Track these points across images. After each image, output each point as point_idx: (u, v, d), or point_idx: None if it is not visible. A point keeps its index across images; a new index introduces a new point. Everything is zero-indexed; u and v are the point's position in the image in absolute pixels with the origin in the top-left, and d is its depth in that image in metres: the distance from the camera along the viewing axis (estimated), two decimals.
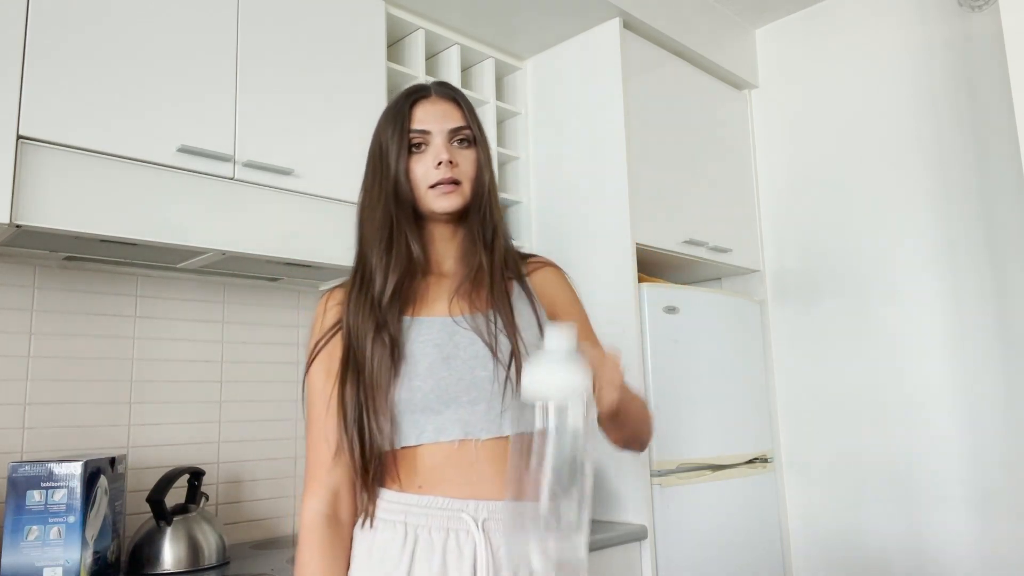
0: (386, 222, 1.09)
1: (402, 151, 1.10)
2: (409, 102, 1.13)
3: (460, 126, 1.12)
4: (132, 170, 1.55)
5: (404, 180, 1.09)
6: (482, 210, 1.13)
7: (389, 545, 1.02)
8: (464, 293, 1.09)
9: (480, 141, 1.14)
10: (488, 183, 1.14)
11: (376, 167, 1.13)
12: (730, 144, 2.78)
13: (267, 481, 2.07)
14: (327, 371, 1.09)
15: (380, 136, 1.14)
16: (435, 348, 1.05)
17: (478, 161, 1.13)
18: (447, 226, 1.14)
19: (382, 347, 1.04)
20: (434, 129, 1.10)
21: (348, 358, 1.06)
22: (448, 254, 1.15)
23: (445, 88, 1.16)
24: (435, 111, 1.12)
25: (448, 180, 1.08)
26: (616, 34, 2.38)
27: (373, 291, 1.07)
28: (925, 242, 2.41)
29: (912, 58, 2.49)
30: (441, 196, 1.09)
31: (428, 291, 1.11)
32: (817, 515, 2.59)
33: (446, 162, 1.08)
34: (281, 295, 2.17)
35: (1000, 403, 2.23)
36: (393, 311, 1.06)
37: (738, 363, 2.58)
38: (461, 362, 1.05)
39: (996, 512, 2.22)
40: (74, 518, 1.46)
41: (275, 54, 1.83)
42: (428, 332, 1.06)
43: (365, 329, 1.05)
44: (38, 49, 1.46)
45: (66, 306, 1.78)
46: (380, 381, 1.03)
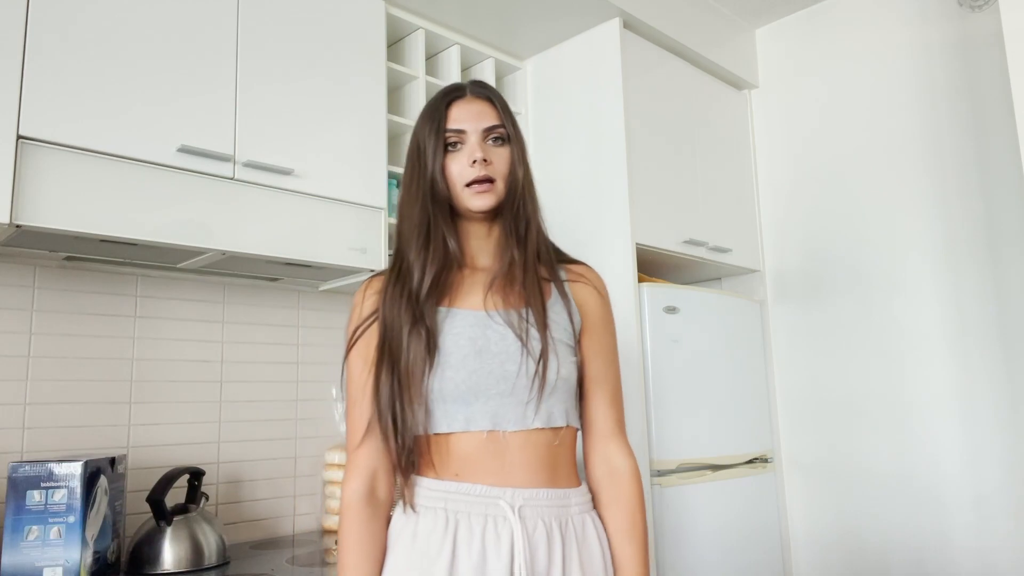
0: (424, 219, 1.13)
1: (438, 150, 1.14)
2: (445, 102, 1.17)
3: (494, 124, 1.16)
4: (132, 170, 1.55)
5: (440, 178, 1.13)
6: (515, 205, 1.17)
7: (432, 531, 1.07)
8: (498, 288, 1.13)
9: (514, 138, 1.18)
10: (523, 179, 1.17)
11: (414, 165, 1.17)
12: (730, 144, 2.78)
13: (267, 481, 2.07)
14: (364, 358, 1.13)
15: (418, 135, 1.18)
16: (468, 341, 1.09)
17: (512, 158, 1.17)
18: (482, 223, 1.18)
19: (418, 338, 1.08)
20: (469, 128, 1.14)
21: (384, 347, 1.10)
22: (484, 249, 1.19)
23: (480, 87, 1.20)
24: (470, 110, 1.16)
25: (483, 178, 1.12)
26: (616, 34, 2.38)
27: (411, 284, 1.11)
28: (925, 242, 2.41)
29: (912, 58, 2.49)
30: (475, 195, 1.13)
31: (463, 284, 1.15)
32: (817, 515, 2.59)
33: (480, 160, 1.12)
34: (281, 295, 2.17)
35: (1000, 403, 2.23)
36: (430, 304, 1.11)
37: (738, 363, 2.58)
38: (491, 355, 1.09)
39: (996, 512, 2.22)
40: (74, 518, 1.46)
41: (275, 54, 1.83)
42: (462, 325, 1.11)
43: (402, 320, 1.09)
44: (38, 49, 1.46)
45: (66, 306, 1.78)
46: (415, 370, 1.07)
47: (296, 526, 2.11)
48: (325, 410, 2.21)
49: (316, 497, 2.16)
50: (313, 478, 2.16)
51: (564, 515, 1.10)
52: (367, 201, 1.97)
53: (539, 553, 1.06)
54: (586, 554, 1.10)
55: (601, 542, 1.13)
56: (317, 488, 2.16)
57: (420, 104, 2.28)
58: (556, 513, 1.09)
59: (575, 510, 1.12)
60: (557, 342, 1.11)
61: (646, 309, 2.26)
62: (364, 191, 1.97)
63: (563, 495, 1.11)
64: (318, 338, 2.24)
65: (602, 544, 1.13)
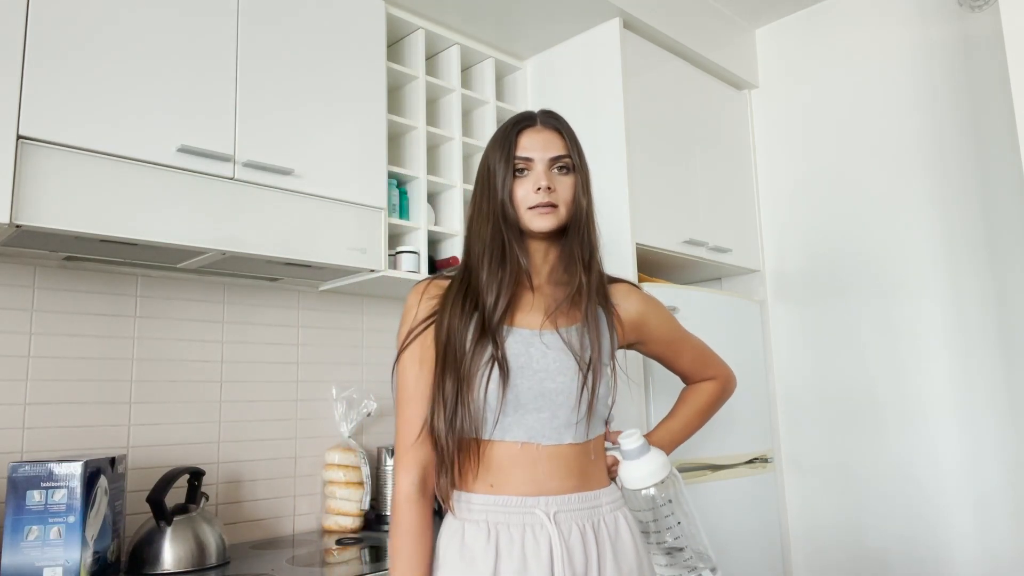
0: (497, 238, 1.21)
1: (508, 175, 1.21)
2: (516, 130, 1.24)
3: (561, 155, 1.23)
4: (132, 170, 1.55)
5: (509, 202, 1.21)
6: (581, 232, 1.24)
7: (475, 543, 1.14)
8: (563, 310, 1.21)
9: (579, 168, 1.25)
10: (586, 208, 1.24)
11: (484, 187, 1.24)
12: (730, 144, 2.78)
13: (267, 481, 2.07)
14: (419, 359, 1.20)
15: (489, 158, 1.25)
16: (512, 357, 1.17)
17: (576, 187, 1.23)
18: (542, 243, 1.25)
19: (483, 351, 1.16)
20: (536, 157, 1.21)
21: (446, 355, 1.17)
22: (542, 270, 1.26)
23: (550, 118, 1.26)
24: (539, 140, 1.23)
25: (545, 204, 1.19)
26: (616, 34, 2.38)
27: (482, 301, 1.19)
28: (925, 241, 2.41)
29: (912, 58, 2.49)
30: (537, 216, 1.20)
31: (520, 302, 1.23)
32: (817, 515, 2.59)
33: (544, 188, 1.19)
34: (281, 295, 2.17)
35: (1000, 403, 2.23)
36: (501, 324, 1.19)
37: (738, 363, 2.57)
38: (532, 372, 1.17)
39: (996, 512, 2.22)
40: (74, 518, 1.46)
41: (275, 54, 1.83)
42: (514, 342, 1.19)
43: (467, 333, 1.17)
44: (38, 49, 1.46)
45: (66, 306, 1.78)
46: (472, 381, 1.15)
47: (296, 526, 2.11)
48: (325, 410, 2.21)
49: (316, 497, 2.16)
50: (313, 478, 2.16)
51: (596, 515, 1.18)
52: (367, 201, 1.97)
53: (576, 554, 1.13)
54: (620, 549, 1.18)
55: (634, 536, 1.21)
56: (317, 488, 2.16)
57: (420, 104, 2.28)
58: (589, 515, 1.17)
59: (606, 509, 1.20)
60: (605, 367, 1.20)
61: None
62: (364, 191, 1.96)
63: (594, 496, 1.19)
64: (318, 338, 2.24)
65: (634, 538, 1.21)
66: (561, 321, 1.21)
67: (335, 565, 1.72)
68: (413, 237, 2.19)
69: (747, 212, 2.79)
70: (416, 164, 2.24)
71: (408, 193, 2.25)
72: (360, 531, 2.07)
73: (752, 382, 2.63)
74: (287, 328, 2.17)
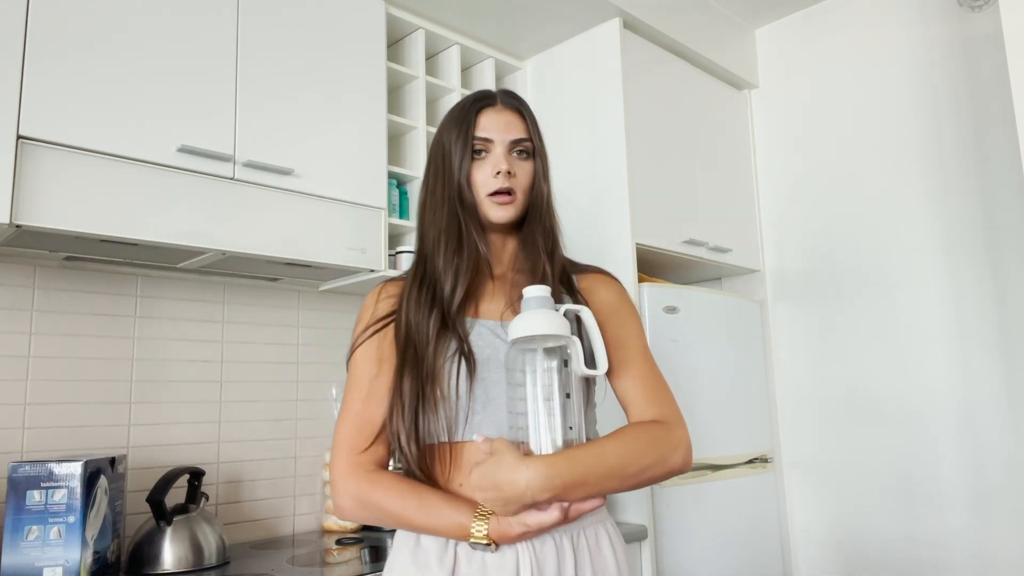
0: (454, 224, 1.12)
1: (465, 156, 1.13)
2: (475, 108, 1.15)
3: (521, 137, 1.15)
4: (132, 170, 1.55)
5: (467, 185, 1.13)
6: (543, 221, 1.17)
7: (431, 547, 1.04)
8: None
9: (540, 153, 1.18)
10: (547, 195, 1.18)
11: (439, 169, 1.16)
12: (730, 144, 2.78)
13: (267, 481, 2.07)
14: (375, 359, 1.10)
15: (444, 138, 1.16)
16: (477, 349, 1.08)
17: (536, 173, 1.17)
18: (499, 234, 1.18)
19: (446, 344, 1.06)
20: (496, 138, 1.14)
21: (406, 352, 1.07)
22: (501, 259, 1.19)
23: (511, 98, 1.18)
24: (500, 120, 1.15)
25: (504, 190, 1.12)
26: (616, 34, 2.38)
27: (440, 291, 1.10)
28: (925, 242, 2.41)
29: (912, 58, 2.49)
30: (496, 206, 1.13)
31: (482, 292, 1.14)
32: (817, 515, 2.59)
33: (504, 172, 1.11)
34: (281, 295, 2.17)
35: (1000, 403, 2.23)
36: (461, 313, 1.09)
37: (738, 363, 2.58)
38: (499, 365, 1.07)
39: (996, 512, 2.22)
40: (74, 518, 1.46)
41: (275, 54, 1.83)
42: (478, 334, 1.09)
43: (428, 326, 1.07)
44: (38, 49, 1.46)
45: (66, 306, 1.78)
46: (439, 377, 1.05)
47: (296, 526, 2.11)
48: (325, 410, 2.21)
49: (316, 497, 2.16)
50: (313, 478, 2.16)
51: (575, 527, 1.06)
52: (367, 201, 1.97)
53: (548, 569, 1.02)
54: (600, 568, 1.07)
55: (616, 553, 1.10)
56: (317, 488, 2.16)
57: (420, 104, 2.28)
58: (566, 527, 1.04)
59: (587, 521, 1.08)
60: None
61: (646, 309, 2.26)
62: (364, 191, 1.96)
63: None
64: (318, 338, 2.24)
65: (616, 556, 1.10)
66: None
67: (335, 565, 1.72)
68: (413, 237, 2.19)
69: (747, 212, 2.79)
70: (416, 164, 2.24)
71: (408, 193, 2.25)
72: (360, 531, 2.07)
73: (752, 382, 2.63)
74: (287, 328, 2.17)
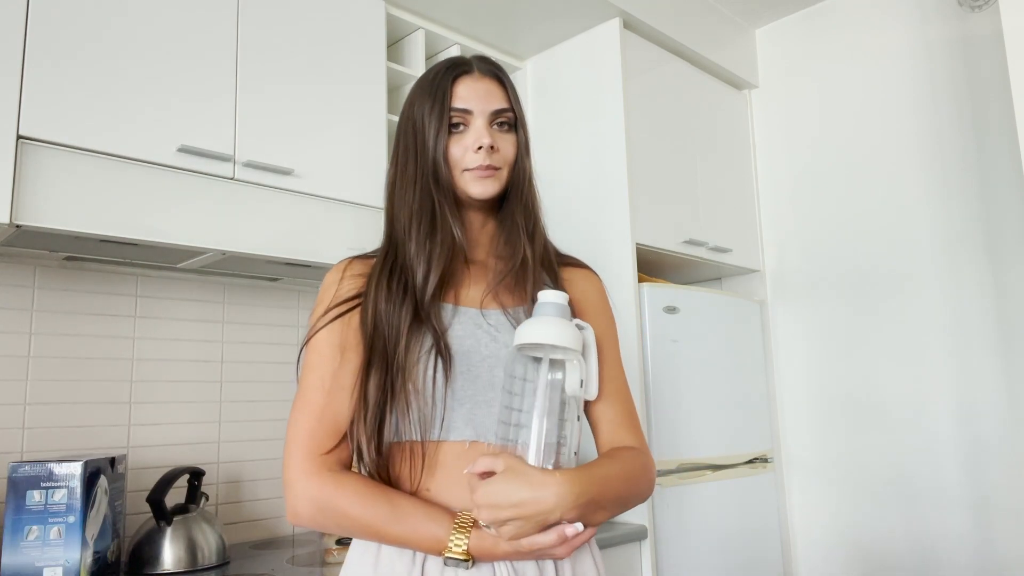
0: (427, 205, 1.01)
1: (442, 129, 1.01)
2: (450, 76, 1.03)
3: (503, 107, 1.04)
4: (132, 170, 1.55)
5: (443, 162, 1.01)
6: (524, 198, 1.06)
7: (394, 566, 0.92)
8: (506, 286, 1.02)
9: (522, 124, 1.07)
10: (528, 170, 1.07)
11: (410, 144, 1.04)
12: (730, 144, 2.78)
13: (267, 481, 2.07)
14: (337, 346, 0.98)
15: (414, 109, 1.04)
16: (456, 340, 0.98)
17: (519, 146, 1.06)
18: (478, 212, 1.07)
19: (420, 338, 0.95)
20: (476, 109, 1.02)
21: (373, 344, 0.96)
22: (479, 242, 1.08)
23: (488, 65, 1.07)
24: (478, 89, 1.03)
25: (486, 167, 1.01)
26: (616, 34, 2.38)
27: (412, 279, 0.99)
28: (925, 241, 2.41)
29: (912, 58, 2.49)
30: (477, 180, 1.01)
31: (459, 278, 1.03)
32: (817, 515, 2.59)
33: (487, 147, 1.00)
34: (281, 295, 2.17)
35: (1000, 403, 2.23)
36: (435, 303, 0.98)
37: (738, 363, 2.58)
38: (480, 359, 0.98)
39: (996, 512, 2.22)
40: (74, 518, 1.46)
41: (275, 54, 1.83)
42: (460, 323, 1.00)
43: (399, 318, 0.96)
44: (38, 49, 1.46)
45: (66, 306, 1.78)
46: (411, 374, 0.94)
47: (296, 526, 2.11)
48: None
49: None
50: None
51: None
52: (367, 201, 1.97)
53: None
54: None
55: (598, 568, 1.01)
56: None
57: None
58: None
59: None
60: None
61: (646, 309, 2.26)
62: (364, 191, 1.96)
63: None
64: None
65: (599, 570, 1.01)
66: (506, 300, 1.02)
67: (335, 565, 1.72)
68: None
69: (747, 212, 2.79)
70: None
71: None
72: None
73: (752, 382, 2.63)
74: (287, 328, 2.17)
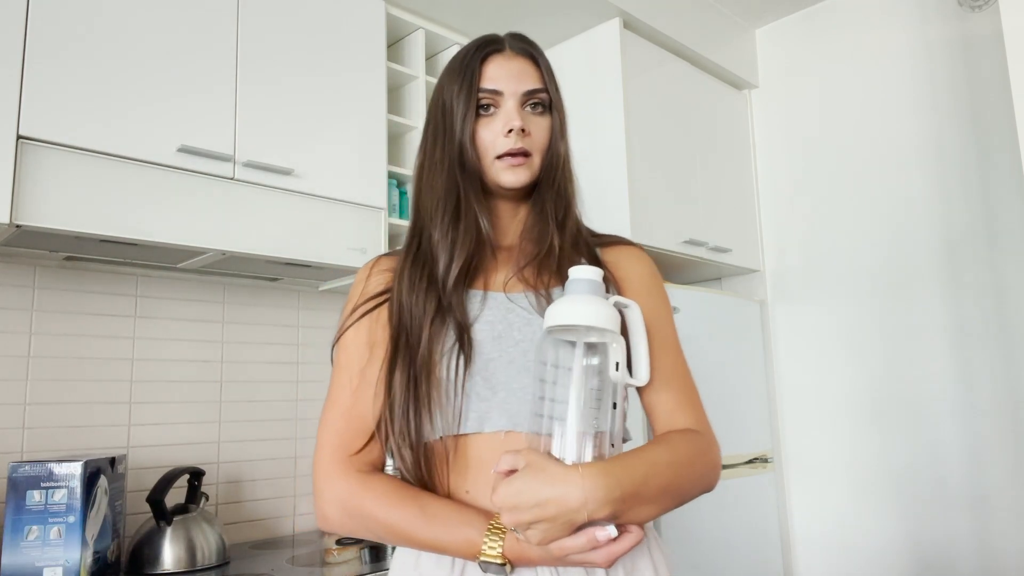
0: (452, 192, 0.96)
1: (469, 112, 0.95)
2: (480, 56, 0.98)
3: (536, 88, 0.98)
4: (132, 170, 1.55)
5: (470, 146, 0.95)
6: (556, 185, 1.00)
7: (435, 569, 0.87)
8: (531, 273, 0.96)
9: (557, 106, 1.01)
10: (563, 155, 1.01)
11: (438, 128, 0.98)
12: (730, 144, 2.77)
13: (267, 481, 2.07)
14: (366, 344, 0.94)
15: (444, 91, 0.99)
16: (487, 325, 0.92)
17: (553, 130, 0.99)
18: (510, 201, 1.01)
19: (442, 329, 0.91)
20: (507, 90, 0.96)
21: (399, 339, 0.92)
22: (511, 230, 1.02)
23: (522, 42, 1.01)
24: (509, 68, 0.97)
25: (518, 151, 0.95)
26: (616, 34, 2.38)
27: (435, 270, 0.94)
28: (925, 241, 2.41)
29: (912, 58, 2.49)
30: (507, 169, 0.95)
31: (485, 264, 0.97)
32: (817, 515, 2.59)
33: (517, 130, 0.94)
34: (281, 295, 2.17)
35: (1001, 402, 2.23)
36: (458, 293, 0.93)
37: (738, 363, 2.58)
38: (513, 343, 0.91)
39: (997, 513, 2.22)
40: (74, 518, 1.46)
41: (275, 54, 1.83)
42: (490, 309, 0.94)
43: (422, 309, 0.92)
44: (38, 49, 1.46)
45: (66, 306, 1.78)
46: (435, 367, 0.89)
47: (296, 526, 2.11)
48: None
49: None
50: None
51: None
52: (367, 201, 1.97)
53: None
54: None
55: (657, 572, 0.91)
56: None
57: (420, 104, 2.27)
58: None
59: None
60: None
61: None
62: (364, 191, 1.96)
63: None
64: (318, 338, 2.23)
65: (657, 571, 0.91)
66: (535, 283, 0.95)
67: (335, 565, 1.72)
68: None
69: (747, 212, 2.79)
70: None
71: (408, 193, 2.25)
72: None
73: (752, 382, 2.63)
74: (287, 328, 2.17)
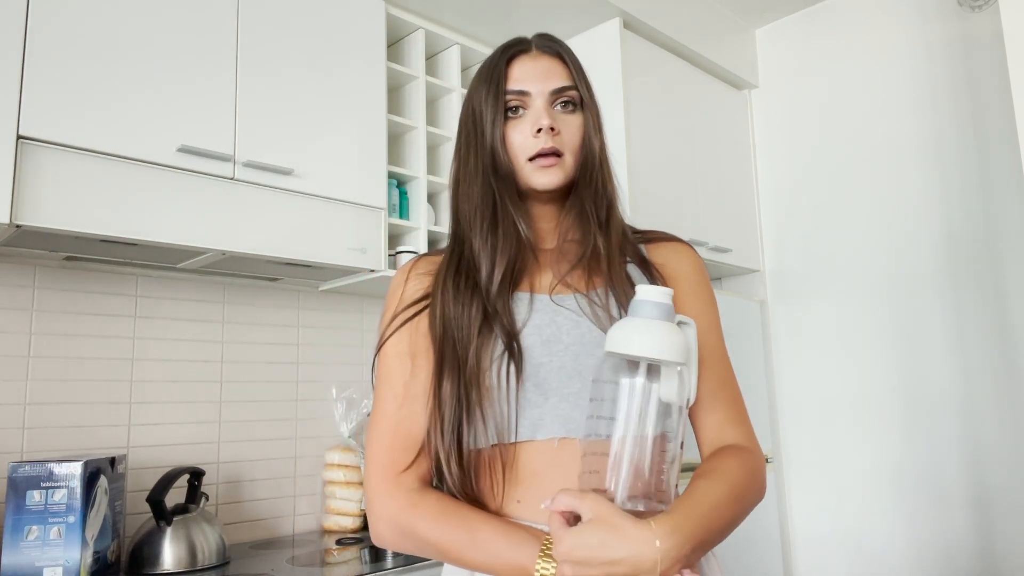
0: (488, 199, 0.94)
1: (498, 116, 0.94)
2: (506, 58, 0.97)
3: (564, 86, 0.96)
4: (132, 170, 1.55)
5: (502, 150, 0.94)
6: (593, 183, 0.98)
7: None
8: (576, 275, 0.94)
9: (588, 104, 0.98)
10: (599, 152, 0.99)
11: (470, 135, 0.97)
12: (730, 144, 2.78)
13: (267, 481, 2.07)
14: (407, 354, 0.93)
15: (473, 98, 0.98)
16: (535, 330, 0.90)
17: (585, 128, 0.97)
18: (548, 204, 0.99)
19: (490, 336, 0.89)
20: (534, 90, 0.95)
21: (444, 348, 0.90)
22: (551, 232, 1.00)
23: (548, 41, 0.99)
24: (536, 68, 0.96)
25: (548, 151, 0.93)
26: (616, 34, 2.38)
27: (478, 277, 0.92)
28: (925, 241, 2.41)
29: (912, 58, 2.49)
30: (539, 171, 0.94)
31: (529, 267, 0.96)
32: (817, 515, 2.59)
33: (546, 129, 0.93)
34: (281, 295, 2.17)
35: (1002, 402, 2.23)
36: (503, 298, 0.91)
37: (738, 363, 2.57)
38: (563, 347, 0.89)
39: (997, 513, 2.22)
40: (74, 518, 1.46)
41: (275, 54, 1.83)
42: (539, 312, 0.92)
43: (469, 318, 0.90)
44: (38, 49, 1.46)
45: (66, 306, 1.78)
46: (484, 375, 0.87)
47: (296, 526, 2.11)
48: (325, 410, 2.21)
49: (316, 497, 2.15)
50: (313, 478, 2.16)
51: None
52: (367, 201, 1.97)
53: None
54: None
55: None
56: (317, 488, 2.16)
57: (420, 104, 2.27)
58: None
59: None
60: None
61: None
62: (364, 191, 1.96)
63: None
64: (318, 338, 2.24)
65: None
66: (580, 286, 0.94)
67: (335, 565, 1.72)
68: (413, 237, 2.19)
69: (747, 212, 2.79)
70: (416, 164, 2.24)
71: (408, 193, 2.25)
72: (360, 531, 2.07)
73: (752, 382, 2.63)
74: (287, 328, 2.17)
